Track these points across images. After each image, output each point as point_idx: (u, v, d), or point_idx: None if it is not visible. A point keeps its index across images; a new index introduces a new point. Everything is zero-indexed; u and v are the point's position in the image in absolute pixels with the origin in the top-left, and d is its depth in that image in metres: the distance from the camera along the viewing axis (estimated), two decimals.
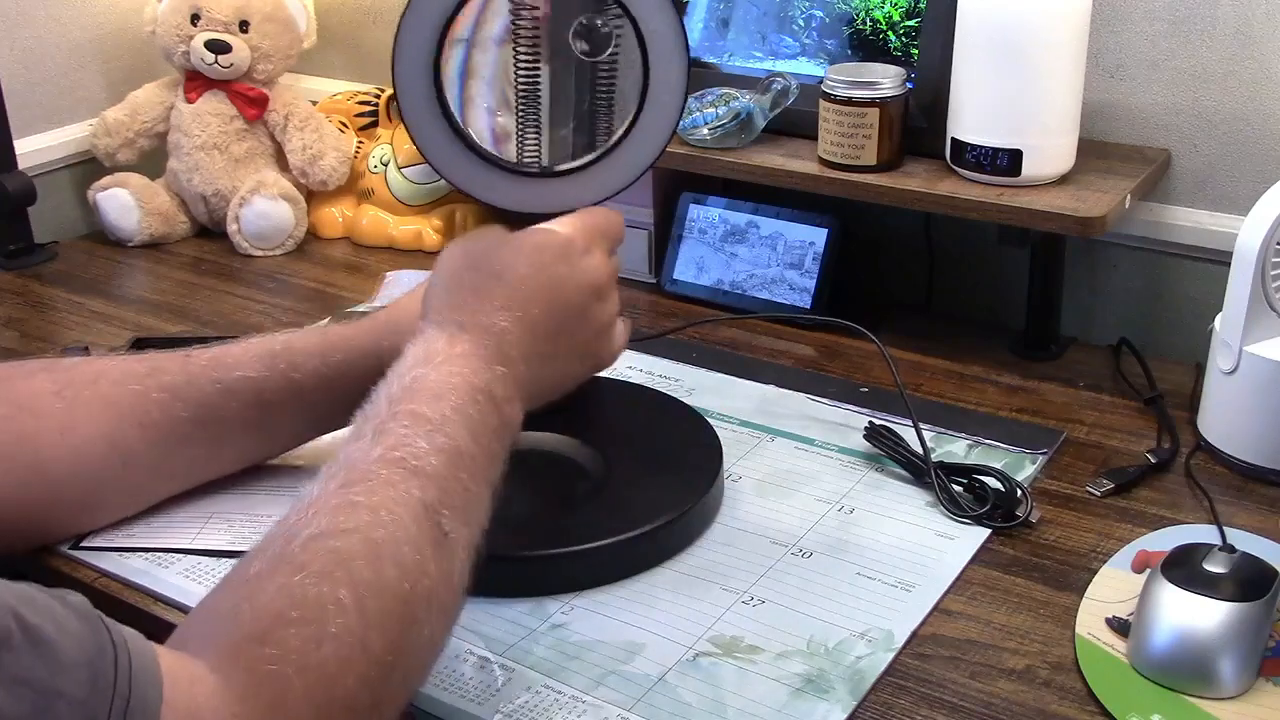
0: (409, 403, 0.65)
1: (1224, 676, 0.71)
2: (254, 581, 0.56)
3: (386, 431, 0.63)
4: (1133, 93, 1.11)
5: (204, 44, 1.36)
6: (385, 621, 0.57)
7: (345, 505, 0.59)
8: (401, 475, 0.61)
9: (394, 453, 0.62)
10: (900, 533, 0.86)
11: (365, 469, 0.62)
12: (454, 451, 0.64)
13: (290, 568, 0.56)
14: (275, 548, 0.58)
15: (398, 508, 0.60)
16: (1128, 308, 1.16)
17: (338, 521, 0.58)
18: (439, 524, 0.61)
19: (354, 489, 0.60)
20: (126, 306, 1.27)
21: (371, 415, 0.65)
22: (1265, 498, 0.90)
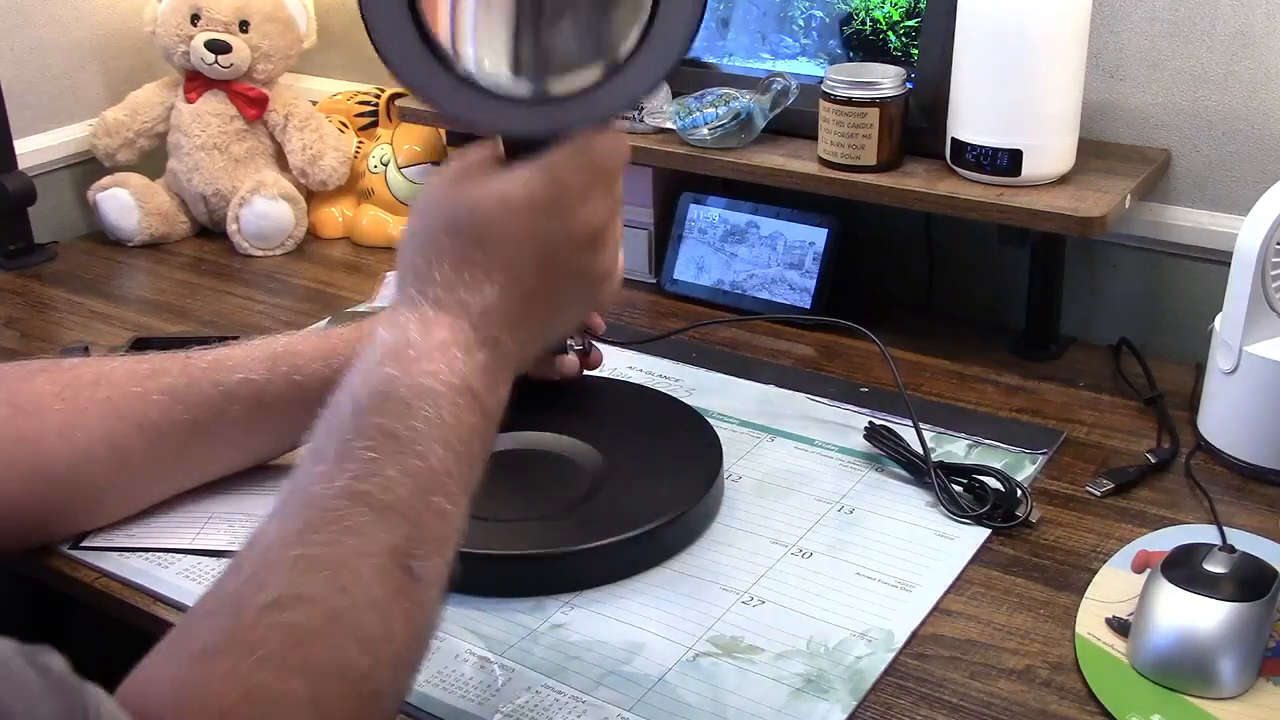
0: (377, 414, 0.57)
1: (1224, 676, 0.71)
2: (204, 660, 0.51)
3: (352, 455, 0.56)
4: (1133, 93, 1.11)
5: (204, 44, 1.36)
6: (342, 708, 0.53)
7: (304, 562, 0.54)
8: (368, 517, 0.55)
9: (360, 485, 0.55)
10: (900, 533, 0.86)
11: (327, 507, 0.55)
12: (428, 474, 0.57)
13: (241, 649, 0.51)
14: (226, 619, 0.52)
15: (362, 563, 0.54)
16: (1128, 308, 1.16)
17: (295, 586, 0.53)
18: (409, 568, 0.56)
19: (315, 536, 0.54)
20: (126, 306, 1.27)
21: (335, 428, 0.58)
22: (1265, 498, 0.90)
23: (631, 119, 1.20)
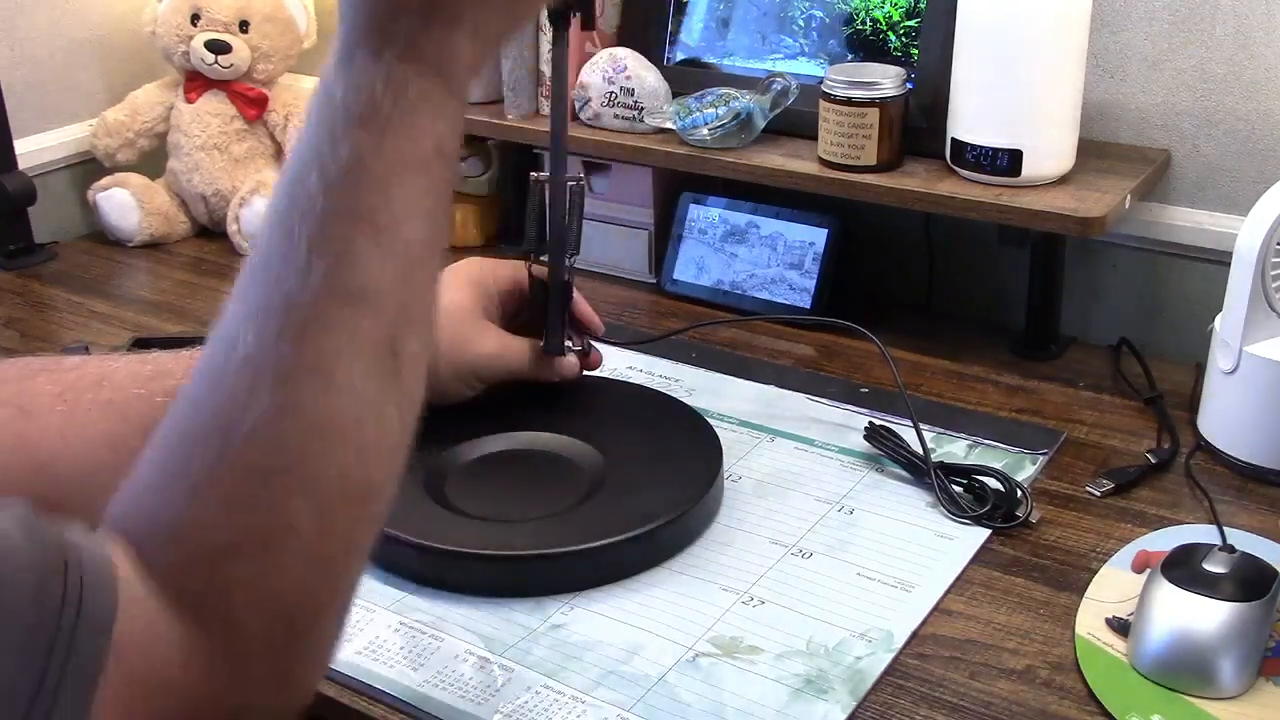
0: (350, 194, 0.52)
1: (1224, 676, 0.71)
2: (196, 485, 0.49)
3: (328, 244, 0.51)
4: (1133, 93, 1.11)
5: (204, 44, 1.36)
6: (346, 523, 0.51)
7: (290, 372, 0.50)
8: (346, 311, 0.51)
9: (339, 278, 0.51)
10: (900, 533, 0.86)
11: (308, 306, 0.51)
12: (406, 252, 0.53)
13: (234, 473, 0.49)
14: (217, 442, 0.49)
15: (351, 365, 0.51)
16: (1128, 308, 1.16)
17: (285, 399, 0.50)
18: (396, 356, 0.53)
19: (299, 344, 0.51)
20: (126, 306, 1.27)
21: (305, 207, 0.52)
22: (1265, 498, 0.90)
23: (631, 120, 1.20)
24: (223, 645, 0.48)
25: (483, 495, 0.87)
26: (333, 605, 0.51)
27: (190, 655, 0.47)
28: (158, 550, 0.49)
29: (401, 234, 0.53)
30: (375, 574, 0.83)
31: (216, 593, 0.48)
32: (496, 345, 0.92)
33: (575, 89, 1.21)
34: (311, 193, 0.52)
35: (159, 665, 0.46)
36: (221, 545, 0.48)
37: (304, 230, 0.51)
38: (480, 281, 0.94)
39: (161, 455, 0.51)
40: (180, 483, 0.50)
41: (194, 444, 0.50)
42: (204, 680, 0.47)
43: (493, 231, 1.41)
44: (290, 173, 0.53)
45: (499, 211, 1.42)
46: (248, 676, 0.48)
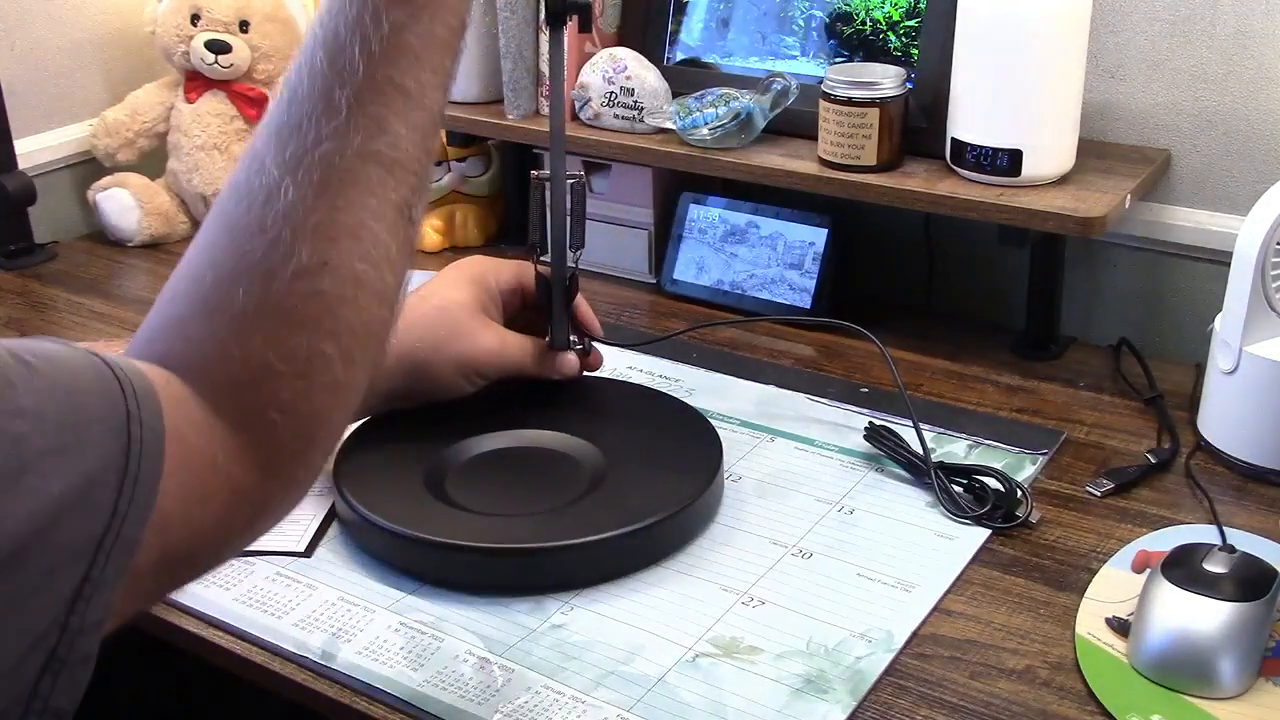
0: (389, 66, 0.57)
1: (1224, 676, 0.71)
2: (240, 320, 0.55)
3: (363, 107, 0.57)
4: (1133, 93, 1.11)
5: (204, 44, 1.36)
6: (367, 356, 0.58)
7: (326, 229, 0.56)
8: (380, 175, 0.58)
9: (372, 143, 0.57)
10: (900, 533, 0.86)
11: (343, 166, 0.56)
12: (430, 122, 0.60)
13: (278, 317, 0.55)
14: (259, 286, 0.55)
15: (378, 225, 0.58)
16: (1128, 308, 1.16)
17: (321, 254, 0.56)
18: (410, 217, 0.60)
19: (335, 200, 0.56)
20: (126, 306, 1.27)
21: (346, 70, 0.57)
22: (1265, 498, 0.90)
23: (631, 120, 1.20)
24: (260, 450, 0.54)
25: (483, 492, 0.87)
26: (344, 421, 0.59)
27: (232, 454, 0.53)
28: (203, 373, 0.54)
29: (427, 104, 0.59)
30: (375, 574, 0.83)
31: (258, 409, 0.54)
32: (498, 341, 0.93)
33: (575, 89, 1.21)
34: (354, 62, 0.57)
35: (203, 457, 0.52)
36: (265, 371, 0.54)
37: (344, 96, 0.56)
38: (482, 279, 0.94)
39: (200, 290, 0.56)
40: (223, 317, 0.55)
41: (237, 284, 0.55)
42: (241, 475, 0.53)
43: (493, 231, 1.41)
44: (330, 38, 0.57)
45: (499, 211, 1.42)
46: (276, 476, 0.55)
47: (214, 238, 0.57)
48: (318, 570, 0.84)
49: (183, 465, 0.51)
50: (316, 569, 0.84)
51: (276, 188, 0.56)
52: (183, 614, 0.80)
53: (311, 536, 0.86)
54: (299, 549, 0.85)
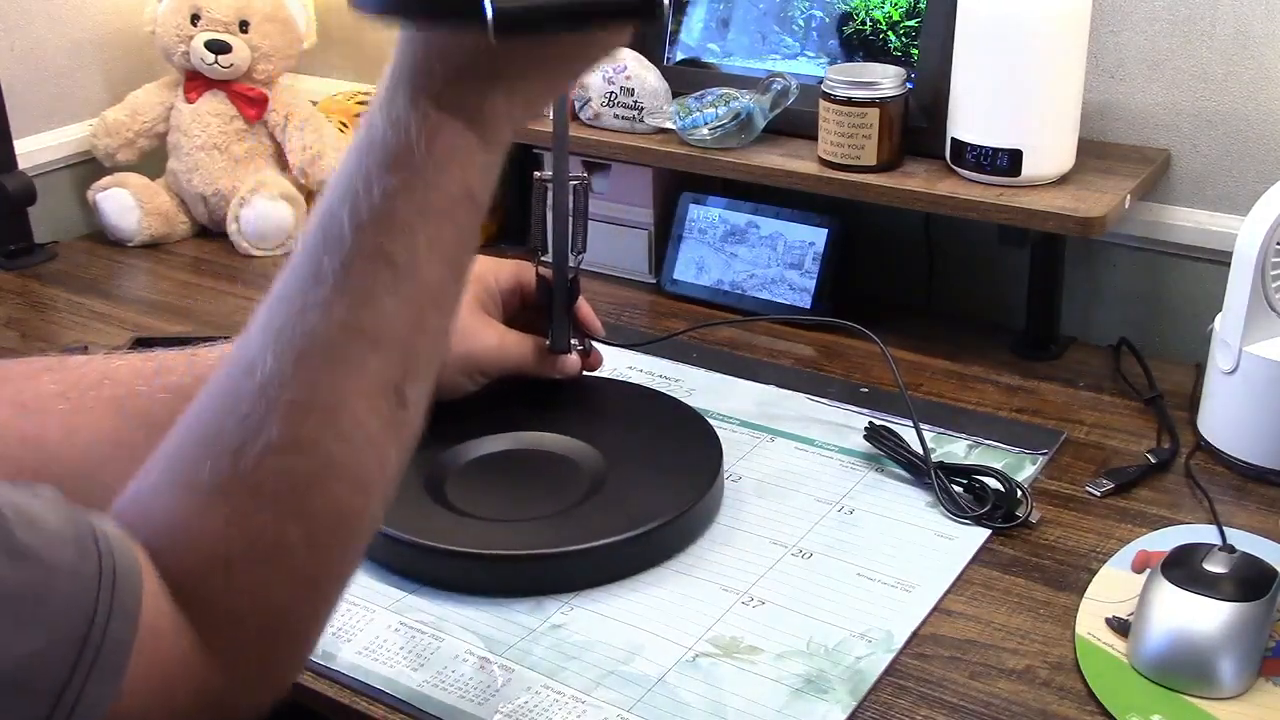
0: (378, 233, 0.54)
1: (1224, 676, 0.71)
2: (205, 496, 0.52)
3: (350, 281, 0.54)
4: (1133, 93, 1.11)
5: (204, 44, 1.36)
6: (337, 551, 0.55)
7: (302, 406, 0.53)
8: (364, 350, 0.54)
9: (357, 317, 0.54)
10: (900, 533, 0.86)
11: (326, 339, 0.53)
12: (425, 296, 0.56)
13: (243, 495, 0.52)
14: (226, 461, 0.52)
15: (359, 403, 0.54)
16: (1128, 308, 1.16)
17: (294, 431, 0.53)
18: (402, 398, 0.56)
19: (313, 376, 0.53)
20: (126, 306, 1.27)
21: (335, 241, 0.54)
22: (1265, 498, 0.90)
23: (631, 120, 1.20)
24: (219, 642, 0.51)
25: (483, 495, 0.87)
26: (316, 619, 0.55)
27: (193, 646, 0.50)
28: (167, 553, 0.51)
29: (421, 277, 0.55)
30: (375, 574, 0.83)
31: (217, 597, 0.51)
32: (497, 339, 0.93)
33: (575, 89, 1.21)
34: (342, 229, 0.54)
35: (173, 650, 0.50)
36: (224, 556, 0.51)
37: (331, 265, 0.53)
38: (482, 278, 0.94)
39: (173, 462, 0.54)
40: (189, 492, 0.52)
41: (206, 457, 0.52)
42: (204, 673, 0.51)
43: (493, 232, 1.41)
44: (326, 203, 0.55)
45: (500, 212, 1.42)
46: (237, 671, 0.52)
47: (199, 404, 0.55)
48: None
49: (150, 660, 0.48)
50: None
51: (258, 359, 0.53)
52: None
53: None
54: None
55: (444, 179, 0.55)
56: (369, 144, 0.55)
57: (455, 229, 0.56)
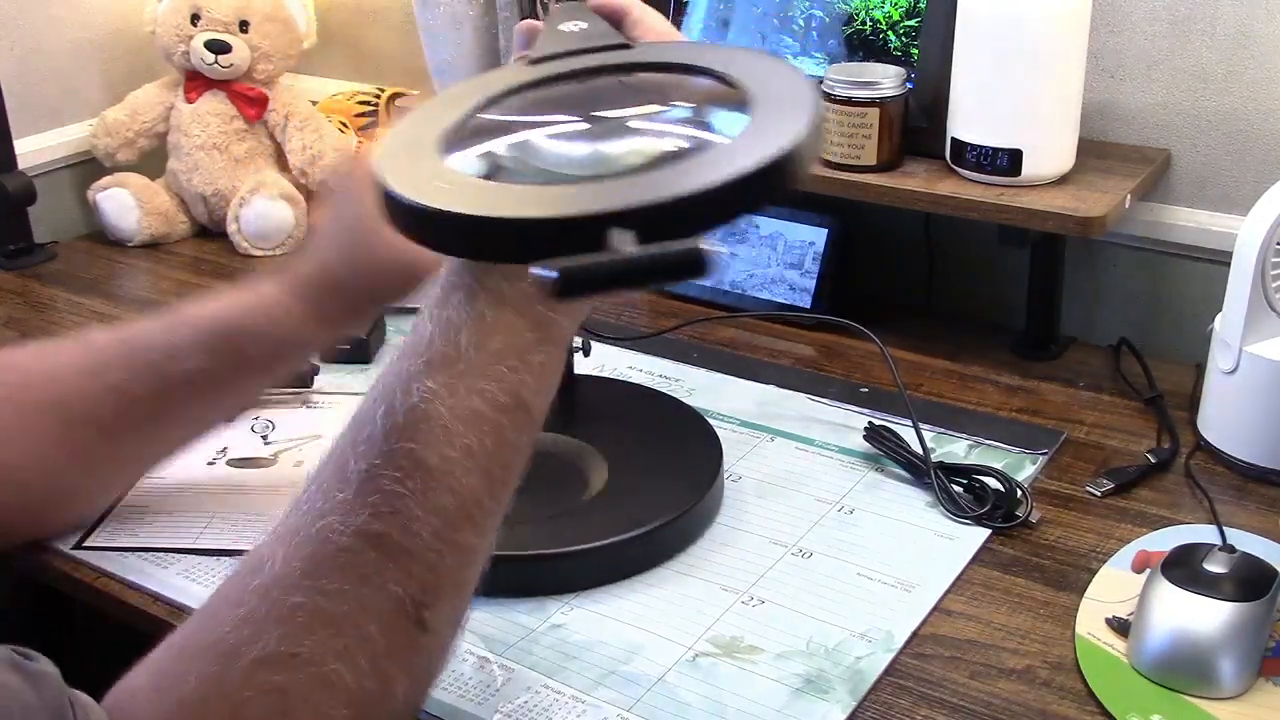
0: (411, 439, 0.50)
1: (1224, 676, 0.71)
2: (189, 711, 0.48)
3: (376, 484, 0.50)
4: (1133, 93, 1.11)
5: (204, 44, 1.36)
6: None
7: (305, 613, 0.48)
8: (380, 561, 0.49)
9: (378, 525, 0.49)
10: (900, 533, 0.86)
11: (340, 546, 0.49)
12: (457, 508, 0.51)
13: (226, 708, 0.48)
14: (216, 667, 0.48)
15: (368, 620, 0.49)
16: (1128, 308, 1.16)
17: (292, 642, 0.48)
18: (420, 621, 0.50)
19: (322, 582, 0.49)
20: (126, 306, 1.27)
21: (365, 443, 0.51)
22: (1265, 498, 0.90)
23: None
24: None
25: None
26: None
27: None
28: None
29: (454, 488, 0.51)
30: None
31: None
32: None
33: None
34: (374, 430, 0.50)
35: None
36: None
37: (357, 468, 0.50)
38: None
39: (165, 661, 0.50)
40: (170, 698, 0.48)
41: (196, 659, 0.49)
42: None
43: None
44: (359, 410, 0.52)
45: None
46: None
47: (200, 610, 0.51)
48: None
49: None
50: None
51: (266, 558, 0.49)
52: (183, 614, 0.80)
53: None
54: None
55: (493, 385, 0.51)
56: (413, 348, 0.52)
57: (497, 440, 0.52)
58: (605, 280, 0.44)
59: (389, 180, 0.48)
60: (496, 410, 0.52)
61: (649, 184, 0.47)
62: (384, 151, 0.51)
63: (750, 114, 0.51)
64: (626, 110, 0.55)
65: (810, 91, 0.51)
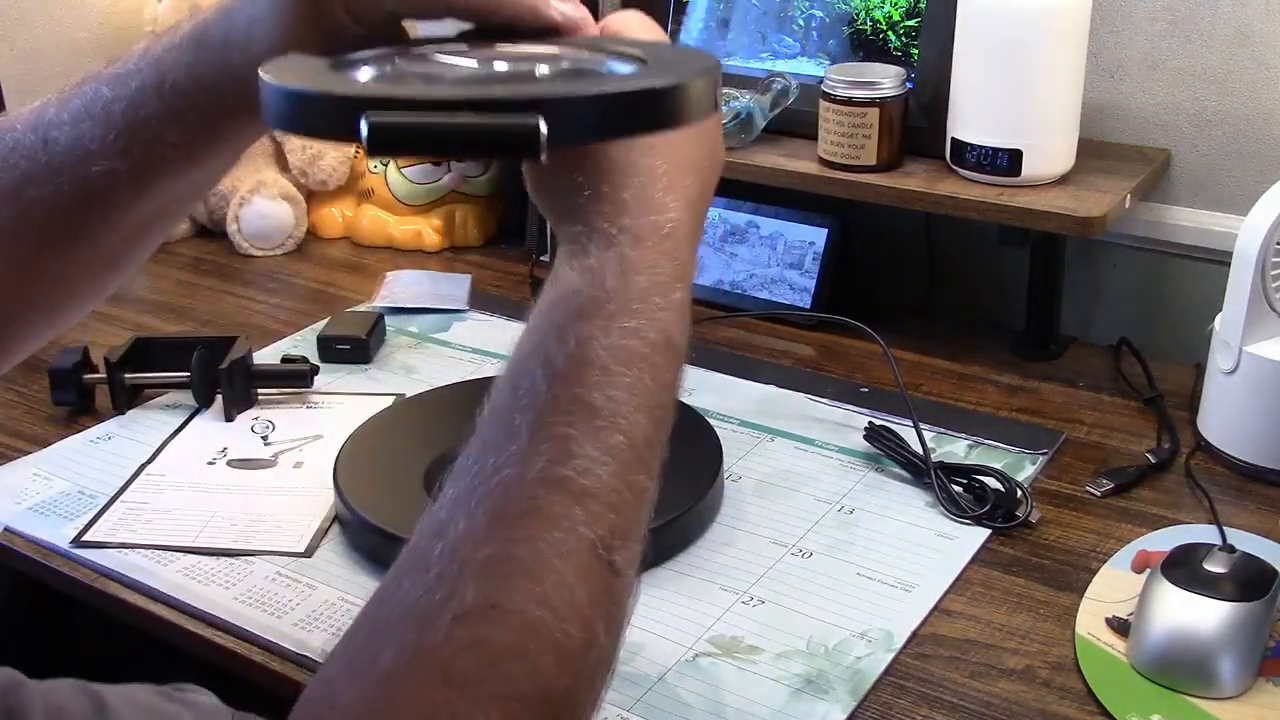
0: (575, 383, 0.50)
1: (1224, 676, 0.71)
2: (392, 683, 0.46)
3: (546, 428, 0.50)
4: (1133, 93, 1.11)
5: None
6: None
7: (498, 564, 0.47)
8: (566, 504, 0.49)
9: (558, 469, 0.49)
10: (900, 533, 0.86)
11: (523, 493, 0.49)
12: (629, 449, 0.51)
13: (432, 671, 0.45)
14: (412, 634, 0.46)
15: (564, 564, 0.48)
16: (1128, 308, 1.16)
17: (489, 595, 0.46)
18: (611, 563, 0.49)
19: (510, 531, 0.48)
20: (126, 306, 1.27)
21: (528, 396, 0.50)
22: (1265, 498, 0.90)
23: None
24: None
25: None
26: None
27: None
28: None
29: (623, 428, 0.51)
30: (375, 572, 0.83)
31: None
32: None
33: None
34: (535, 382, 0.50)
35: None
36: None
37: (526, 419, 0.50)
38: None
39: (357, 641, 0.48)
40: (369, 675, 0.46)
41: (391, 633, 0.47)
42: None
43: (493, 231, 1.41)
44: (511, 368, 0.52)
45: (499, 211, 1.42)
46: None
47: (377, 590, 0.49)
48: (318, 570, 0.84)
49: None
50: (316, 569, 0.84)
51: (447, 523, 0.48)
52: (183, 614, 0.80)
53: (311, 536, 0.86)
54: (299, 549, 0.85)
55: (641, 322, 0.52)
56: (558, 298, 0.52)
57: (655, 377, 0.52)
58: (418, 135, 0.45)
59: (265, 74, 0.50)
60: (650, 348, 0.52)
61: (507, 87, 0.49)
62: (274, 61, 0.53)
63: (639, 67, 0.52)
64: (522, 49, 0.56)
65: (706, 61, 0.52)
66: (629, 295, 0.52)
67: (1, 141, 0.66)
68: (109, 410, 1.04)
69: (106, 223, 0.68)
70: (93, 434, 1.01)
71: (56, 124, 0.64)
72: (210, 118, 0.63)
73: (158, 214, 0.72)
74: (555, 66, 0.54)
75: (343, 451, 0.91)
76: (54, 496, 0.92)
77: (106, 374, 1.03)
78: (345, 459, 0.90)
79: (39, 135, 0.65)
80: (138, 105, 0.63)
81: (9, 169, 0.65)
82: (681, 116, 0.50)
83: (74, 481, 0.94)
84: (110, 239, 0.70)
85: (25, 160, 0.65)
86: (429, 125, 0.45)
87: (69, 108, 0.65)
